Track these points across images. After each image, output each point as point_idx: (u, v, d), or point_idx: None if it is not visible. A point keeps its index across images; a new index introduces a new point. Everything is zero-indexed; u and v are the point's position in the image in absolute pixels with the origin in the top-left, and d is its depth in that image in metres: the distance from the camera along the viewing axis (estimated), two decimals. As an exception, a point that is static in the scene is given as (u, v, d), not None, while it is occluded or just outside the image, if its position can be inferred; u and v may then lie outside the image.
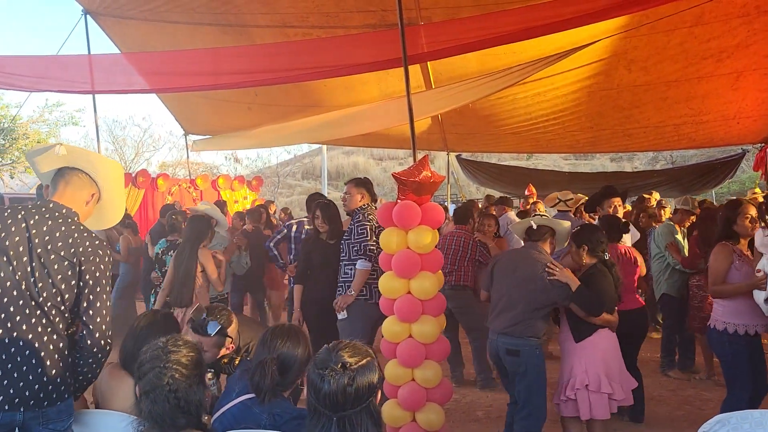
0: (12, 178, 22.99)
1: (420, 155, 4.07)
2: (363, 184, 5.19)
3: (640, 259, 5.01)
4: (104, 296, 2.58)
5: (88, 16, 8.25)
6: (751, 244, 4.22)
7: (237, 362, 3.21)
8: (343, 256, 5.02)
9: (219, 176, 14.78)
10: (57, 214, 2.55)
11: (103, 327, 2.55)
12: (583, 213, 7.53)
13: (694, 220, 6.63)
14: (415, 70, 8.07)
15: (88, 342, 2.53)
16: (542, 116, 9.75)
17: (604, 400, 3.89)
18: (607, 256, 4.05)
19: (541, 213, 7.98)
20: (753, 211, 4.16)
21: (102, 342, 2.55)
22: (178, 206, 8.61)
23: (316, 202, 5.62)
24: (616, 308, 4.07)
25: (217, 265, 5.34)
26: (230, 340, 3.02)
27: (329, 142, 14.50)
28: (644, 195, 9.15)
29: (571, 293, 3.82)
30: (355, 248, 4.89)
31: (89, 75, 7.05)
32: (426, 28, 6.43)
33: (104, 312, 2.56)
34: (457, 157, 14.13)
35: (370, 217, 4.96)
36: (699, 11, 6.51)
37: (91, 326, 2.53)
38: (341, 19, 7.31)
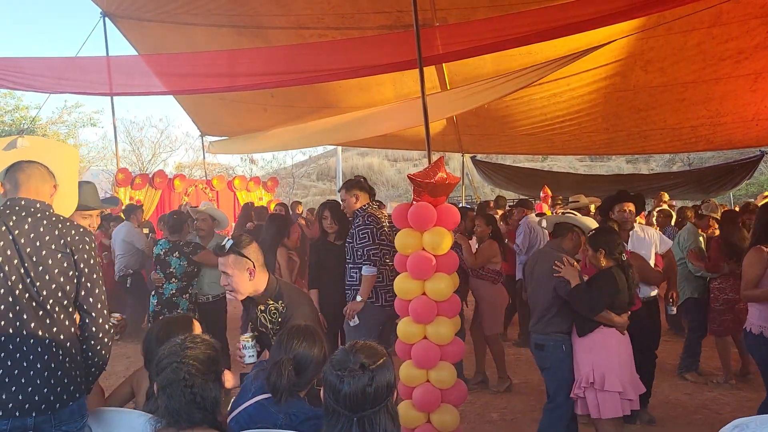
0: (31, 178, 23.23)
1: (435, 157, 4.08)
2: (354, 185, 5.08)
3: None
4: (100, 281, 2.59)
5: (106, 19, 8.34)
6: None
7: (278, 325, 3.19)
8: (348, 260, 5.00)
9: (235, 177, 14.87)
10: (32, 209, 2.51)
11: (105, 311, 2.58)
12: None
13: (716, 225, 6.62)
14: (430, 71, 8.07)
15: (93, 329, 2.55)
16: (558, 117, 9.71)
17: (614, 398, 3.89)
18: (624, 258, 4.04)
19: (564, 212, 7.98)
20: None
21: (106, 326, 2.58)
22: (187, 207, 8.66)
23: (324, 202, 5.66)
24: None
25: (290, 268, 5.42)
26: (251, 264, 3.05)
27: (344, 144, 14.54)
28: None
29: (569, 290, 3.92)
30: (359, 253, 4.85)
31: (107, 77, 7.12)
32: (441, 29, 6.44)
33: (102, 297, 2.58)
34: (472, 158, 14.11)
35: (370, 219, 4.88)
36: (717, 12, 6.46)
37: (93, 313, 2.55)
38: (356, 21, 7.33)
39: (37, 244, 2.44)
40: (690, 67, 7.83)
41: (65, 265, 2.47)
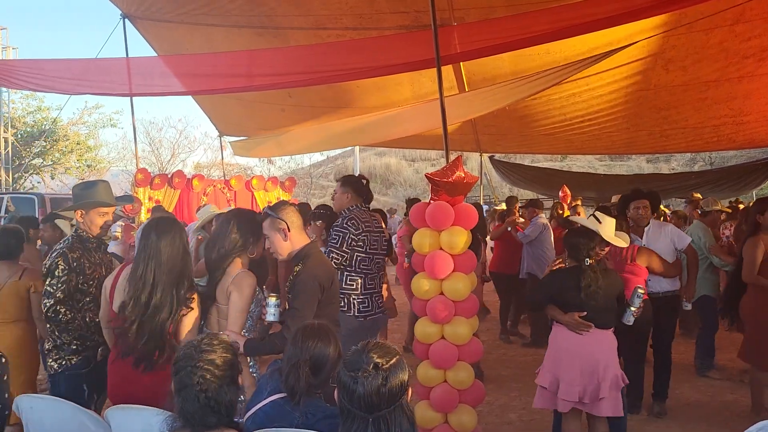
0: (53, 179, 23.59)
1: (452, 156, 4.05)
2: (349, 183, 4.73)
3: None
4: None
5: (126, 20, 8.41)
6: None
7: None
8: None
9: (253, 177, 14.95)
10: None
11: None
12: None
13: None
14: (447, 70, 8.04)
15: None
16: (577, 117, 9.63)
17: (544, 394, 4.09)
18: (588, 262, 3.92)
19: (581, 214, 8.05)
20: None
21: None
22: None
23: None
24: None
25: None
26: (285, 225, 3.22)
27: (362, 144, 14.56)
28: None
29: None
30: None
31: (127, 78, 7.18)
32: (459, 28, 6.40)
33: None
34: (490, 158, 14.05)
35: (349, 223, 4.51)
36: (740, 9, 6.36)
37: None
38: (374, 21, 7.32)
39: None
40: (712, 65, 7.72)
41: None
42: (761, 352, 5.04)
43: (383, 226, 4.90)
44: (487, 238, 6.55)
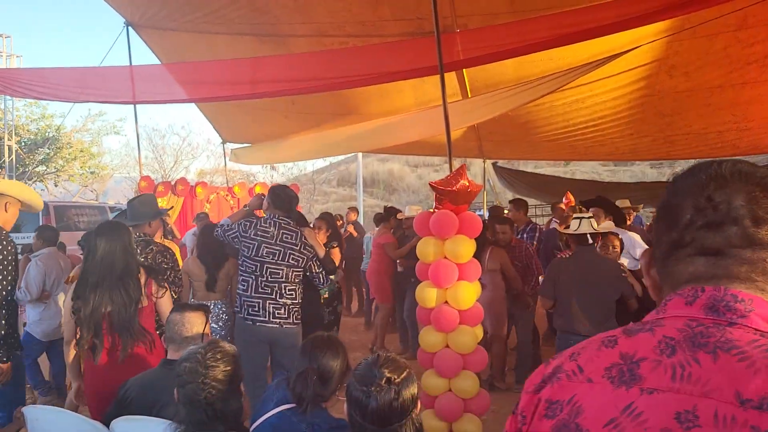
0: (56, 186, 23.63)
1: (455, 162, 4.05)
2: (272, 193, 4.77)
3: None
4: None
5: (129, 28, 8.43)
6: None
7: None
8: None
9: (256, 184, 14.94)
10: None
11: None
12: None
13: None
14: (450, 77, 8.04)
15: None
16: (581, 123, 9.62)
17: None
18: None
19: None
20: None
21: None
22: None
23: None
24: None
25: None
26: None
27: (364, 150, 14.56)
28: None
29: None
30: None
31: (131, 85, 7.20)
32: (462, 35, 6.41)
33: None
34: (494, 164, 14.03)
35: (244, 224, 4.57)
36: (743, 15, 6.35)
37: None
38: (377, 28, 7.33)
39: None
40: (716, 71, 7.71)
41: None
42: None
43: (304, 242, 4.58)
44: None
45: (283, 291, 4.42)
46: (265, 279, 4.43)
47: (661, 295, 1.02)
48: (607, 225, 4.57)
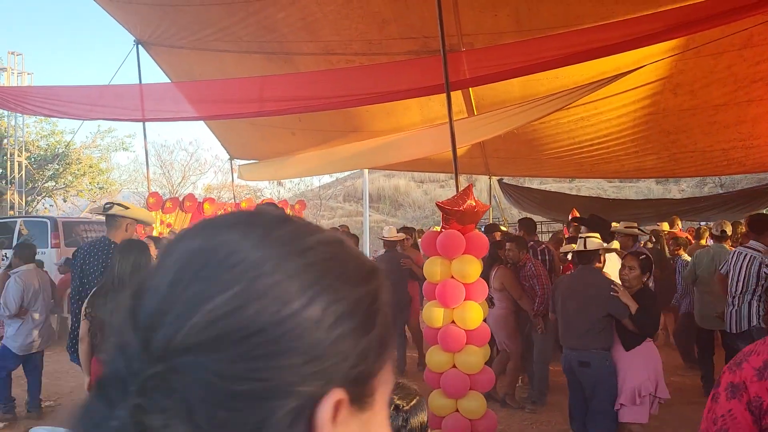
0: (65, 201, 23.74)
1: (461, 179, 4.07)
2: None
3: None
4: None
5: (139, 46, 8.53)
6: None
7: None
8: None
9: (263, 200, 14.99)
10: None
11: None
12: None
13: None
14: (456, 95, 8.08)
15: None
16: (586, 141, 9.64)
17: (655, 403, 4.20)
18: None
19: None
20: None
21: None
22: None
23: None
24: None
25: None
26: None
27: (371, 167, 14.60)
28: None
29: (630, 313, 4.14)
30: None
31: (140, 103, 7.27)
32: (468, 54, 6.46)
33: None
34: (499, 181, 14.03)
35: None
36: (748, 34, 6.39)
37: None
38: (384, 46, 7.39)
39: None
40: (721, 89, 7.74)
41: None
42: None
43: None
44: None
45: None
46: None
47: None
48: (595, 243, 4.59)
